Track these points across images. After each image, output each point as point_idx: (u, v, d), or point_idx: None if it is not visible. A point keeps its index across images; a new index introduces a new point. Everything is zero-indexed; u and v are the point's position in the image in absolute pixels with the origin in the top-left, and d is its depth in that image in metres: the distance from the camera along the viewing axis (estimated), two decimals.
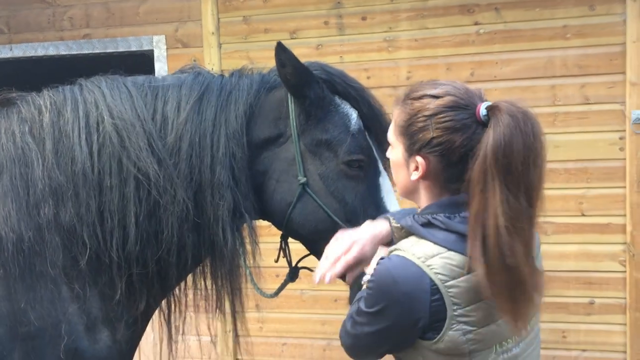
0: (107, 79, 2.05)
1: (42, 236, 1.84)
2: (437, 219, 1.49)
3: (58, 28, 4.58)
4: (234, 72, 2.17)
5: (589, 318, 3.86)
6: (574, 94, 3.78)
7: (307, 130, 2.06)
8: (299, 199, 2.05)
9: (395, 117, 1.59)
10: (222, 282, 2.13)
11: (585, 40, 3.76)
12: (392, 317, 1.47)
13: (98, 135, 1.92)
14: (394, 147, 1.61)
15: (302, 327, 4.35)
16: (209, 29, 4.28)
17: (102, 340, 1.93)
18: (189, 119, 1.97)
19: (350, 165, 2.05)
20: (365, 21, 4.07)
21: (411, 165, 1.55)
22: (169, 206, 1.92)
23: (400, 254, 1.48)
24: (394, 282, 1.45)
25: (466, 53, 3.93)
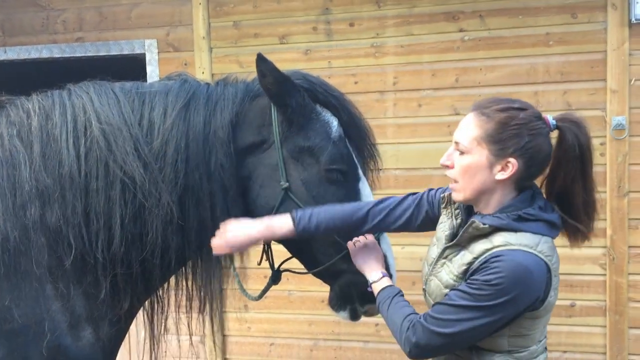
0: (95, 85, 2.10)
1: (27, 236, 1.89)
2: (528, 213, 1.80)
3: (51, 31, 4.64)
4: (219, 81, 2.24)
5: (570, 320, 3.93)
6: (556, 100, 3.85)
7: (290, 137, 2.13)
8: (282, 203, 2.12)
9: (478, 126, 1.83)
10: (206, 283, 2.19)
11: (567, 47, 3.83)
12: (522, 302, 1.75)
13: (85, 139, 1.96)
14: (472, 152, 1.83)
15: (289, 327, 4.41)
16: (200, 33, 4.34)
17: (85, 338, 1.98)
18: (175, 125, 2.03)
19: (332, 171, 2.13)
20: (352, 27, 4.14)
21: (497, 167, 1.81)
22: (154, 209, 1.97)
23: (515, 248, 1.75)
24: (529, 272, 1.73)
25: (451, 59, 4.00)
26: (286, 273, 2.42)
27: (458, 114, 3.99)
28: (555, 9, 3.83)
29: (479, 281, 1.76)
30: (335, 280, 2.23)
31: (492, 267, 1.75)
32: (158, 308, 2.30)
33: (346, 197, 2.17)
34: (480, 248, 1.83)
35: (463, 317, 1.77)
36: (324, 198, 2.13)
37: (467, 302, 1.76)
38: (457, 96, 4.00)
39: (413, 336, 1.84)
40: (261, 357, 4.49)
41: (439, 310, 1.83)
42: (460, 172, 1.86)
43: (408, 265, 4.08)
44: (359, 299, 2.23)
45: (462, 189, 1.88)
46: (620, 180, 3.77)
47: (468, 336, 1.80)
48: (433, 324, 1.81)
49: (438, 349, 1.85)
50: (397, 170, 4.09)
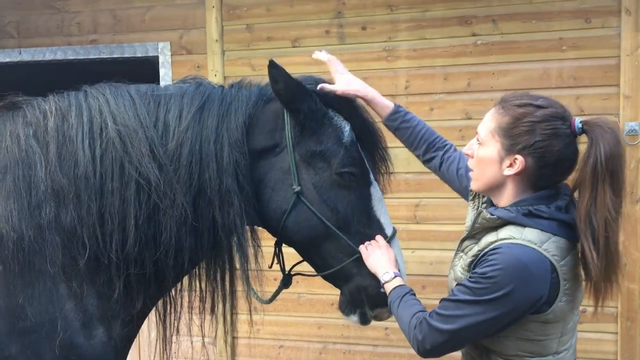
0: (111, 87, 2.13)
1: (42, 236, 1.91)
2: (540, 210, 1.76)
3: (66, 33, 4.69)
4: (234, 84, 2.26)
5: (580, 326, 3.84)
6: (569, 105, 3.74)
7: (302, 142, 2.15)
8: (294, 207, 2.13)
9: (495, 119, 1.83)
10: (219, 284, 2.21)
11: (580, 52, 3.82)
12: (519, 298, 1.70)
13: (101, 141, 1.99)
14: (487, 144, 1.84)
15: (298, 330, 4.42)
16: (212, 36, 4.37)
17: (98, 337, 1.99)
18: (190, 127, 2.05)
19: (343, 175, 2.14)
20: (365, 31, 4.15)
21: (506, 162, 1.80)
22: (168, 210, 1.99)
23: (516, 242, 1.73)
24: (524, 266, 1.69)
25: (463, 63, 4.00)
26: (297, 276, 2.42)
27: (470, 118, 3.99)
28: (568, 13, 3.82)
29: (477, 274, 1.76)
30: (346, 284, 2.24)
31: (489, 260, 1.74)
32: (170, 309, 2.30)
33: (357, 201, 2.19)
34: (486, 240, 1.83)
35: (463, 313, 1.75)
36: (335, 202, 2.15)
37: (467, 296, 1.76)
38: (469, 100, 4.00)
39: (420, 334, 1.84)
40: (270, 359, 4.50)
41: (443, 307, 1.83)
42: (476, 162, 1.89)
43: (418, 269, 4.08)
44: (369, 303, 2.23)
45: (476, 179, 1.91)
46: (632, 186, 3.75)
47: (470, 333, 1.78)
48: (436, 321, 1.81)
49: (442, 347, 1.83)
50: (409, 174, 4.09)
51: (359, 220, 2.18)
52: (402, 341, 4.22)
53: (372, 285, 2.16)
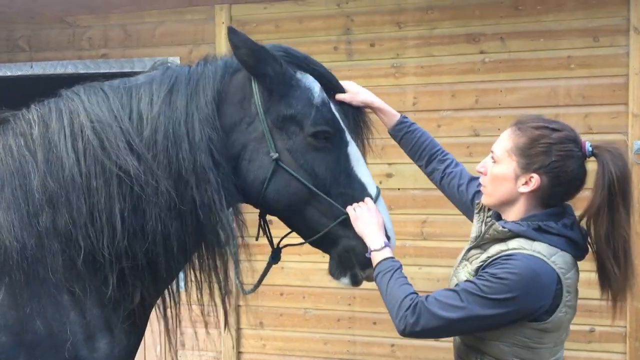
0: (86, 87, 2.14)
1: (42, 244, 1.92)
2: (549, 226, 1.88)
3: (77, 47, 4.74)
4: (199, 62, 2.22)
5: (589, 346, 3.87)
6: (577, 124, 3.83)
7: (272, 107, 2.11)
8: (273, 174, 2.11)
9: (511, 139, 1.94)
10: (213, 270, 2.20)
11: (589, 70, 3.83)
12: (522, 305, 1.80)
13: (82, 141, 2.00)
14: (502, 162, 1.96)
15: (304, 345, 4.39)
16: (222, 51, 4.39)
17: (101, 349, 1.99)
18: (162, 112, 2.03)
19: (317, 137, 2.11)
20: (373, 47, 4.17)
21: (521, 180, 1.91)
22: (152, 198, 1.98)
23: (528, 253, 1.83)
24: (536, 275, 1.80)
25: (471, 81, 4.01)
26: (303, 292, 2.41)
27: (477, 135, 3.99)
28: (577, 32, 3.83)
29: (487, 273, 1.84)
30: (334, 247, 2.21)
31: (502, 264, 1.83)
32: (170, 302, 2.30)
33: (335, 162, 2.15)
34: (495, 249, 1.92)
35: (464, 305, 1.82)
36: (312, 165, 2.11)
37: (471, 290, 1.83)
38: (477, 117, 4.00)
39: (412, 316, 1.87)
40: None
41: (443, 295, 1.89)
42: (490, 179, 1.99)
43: (425, 285, 4.05)
44: (359, 264, 2.20)
45: (489, 195, 2.01)
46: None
47: (464, 325, 1.86)
48: (434, 306, 1.86)
49: (433, 331, 1.89)
50: (416, 190, 4.09)
51: (339, 181, 2.15)
52: (408, 358, 4.19)
53: (360, 245, 2.14)
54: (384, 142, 4.23)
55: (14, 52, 4.87)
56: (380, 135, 4.01)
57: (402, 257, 4.11)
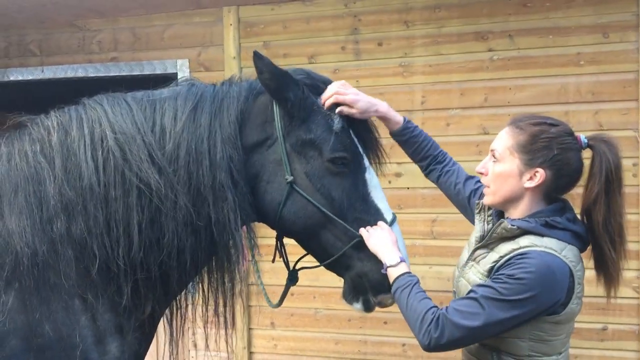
0: (109, 97, 2.16)
1: (55, 250, 1.93)
2: (555, 221, 1.93)
3: (87, 51, 4.78)
4: (225, 82, 2.26)
5: (601, 344, 3.84)
6: (588, 120, 3.81)
7: (292, 131, 2.15)
8: (288, 197, 2.14)
9: (512, 137, 1.99)
10: (220, 284, 2.22)
11: (598, 67, 3.80)
12: (542, 301, 1.84)
13: (102, 151, 2.02)
14: (504, 161, 1.99)
15: (316, 345, 4.40)
16: (230, 53, 4.42)
17: (111, 352, 2.00)
18: (185, 128, 2.06)
19: (335, 162, 2.14)
20: (381, 47, 4.17)
21: (526, 175, 1.96)
22: (170, 212, 2.01)
23: (541, 250, 1.88)
24: (551, 271, 1.84)
25: (480, 79, 3.99)
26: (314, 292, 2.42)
27: (487, 133, 3.97)
28: (586, 28, 3.81)
29: (504, 275, 1.86)
30: (347, 271, 2.23)
31: (518, 263, 1.86)
32: (177, 312, 2.33)
33: (352, 187, 2.18)
34: (506, 248, 1.95)
35: (486, 311, 1.84)
36: (329, 190, 2.14)
37: (490, 295, 1.85)
38: (486, 115, 3.99)
39: (436, 330, 1.89)
40: None
41: (462, 304, 1.90)
42: (493, 178, 2.03)
43: (435, 285, 4.05)
44: (372, 290, 2.21)
45: (493, 193, 2.04)
46: None
47: (488, 330, 1.88)
48: (456, 317, 1.87)
49: (458, 342, 1.91)
50: (425, 189, 4.08)
51: (355, 207, 2.18)
52: (419, 357, 4.18)
53: (373, 270, 2.16)
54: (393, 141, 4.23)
55: (25, 56, 4.92)
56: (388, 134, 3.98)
57: (412, 257, 4.12)
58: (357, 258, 2.18)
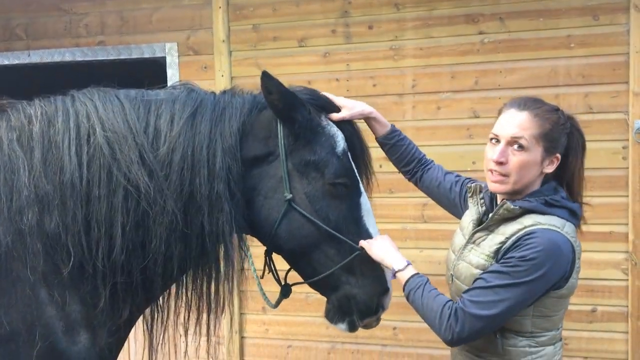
0: (100, 91, 2.08)
1: (23, 242, 1.86)
2: (554, 199, 1.99)
3: (74, 35, 4.71)
4: (226, 91, 2.24)
5: (591, 326, 3.88)
6: (578, 103, 3.81)
7: (296, 151, 2.15)
8: (285, 214, 2.13)
9: (536, 126, 1.98)
10: (206, 294, 2.17)
11: (589, 49, 3.79)
12: (551, 277, 1.89)
13: (89, 147, 1.94)
14: (532, 149, 1.98)
15: (307, 330, 4.42)
16: (219, 36, 4.38)
17: (81, 343, 1.95)
18: (182, 133, 2.01)
19: (336, 186, 2.15)
20: (371, 30, 4.14)
21: (546, 162, 2.01)
22: (158, 217, 1.95)
23: (546, 227, 1.92)
24: (559, 248, 1.90)
25: (471, 62, 3.98)
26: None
27: (477, 116, 3.97)
28: (576, 10, 3.79)
29: (515, 258, 1.89)
30: (334, 292, 2.23)
31: (527, 244, 1.90)
32: (158, 318, 2.26)
33: (348, 211, 2.21)
34: (511, 229, 1.98)
35: (503, 297, 1.88)
36: (326, 212, 2.15)
37: (504, 281, 1.88)
38: (477, 99, 3.98)
39: (456, 324, 1.91)
40: (279, 359, 4.50)
41: (476, 294, 1.92)
42: (518, 167, 1.99)
43: (426, 268, 4.05)
44: (359, 312, 2.22)
45: (514, 182, 2.01)
46: None
47: (507, 315, 1.92)
48: (474, 308, 1.89)
49: (480, 332, 1.93)
50: None
51: (349, 229, 2.19)
52: (410, 341, 4.21)
53: (360, 293, 2.18)
54: None
55: (11, 40, 4.85)
56: None
57: (403, 240, 4.14)
58: (345, 280, 2.19)
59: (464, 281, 2.07)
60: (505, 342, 2.01)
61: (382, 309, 2.26)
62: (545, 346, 2.02)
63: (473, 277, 2.01)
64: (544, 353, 2.02)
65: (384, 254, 2.13)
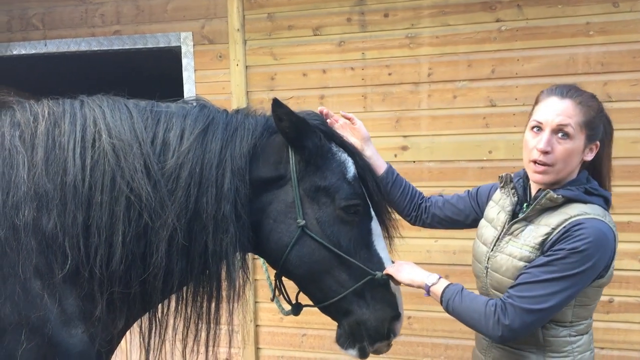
0: (109, 99, 2.09)
1: (17, 238, 1.85)
2: (593, 187, 2.00)
3: (90, 24, 4.73)
4: (240, 110, 2.25)
5: (607, 316, 3.85)
6: (596, 92, 3.62)
7: (306, 177, 2.15)
8: (297, 240, 2.13)
9: (581, 113, 1.97)
10: (205, 312, 2.17)
11: (608, 37, 3.73)
12: (599, 266, 1.90)
13: (93, 152, 1.94)
14: (576, 138, 1.96)
15: (321, 318, 4.36)
16: (234, 25, 4.37)
17: (78, 336, 1.94)
18: (192, 149, 2.01)
19: (347, 210, 2.16)
20: (387, 18, 4.11)
21: (587, 149, 2.00)
22: (160, 230, 1.94)
23: (592, 217, 1.91)
24: (607, 237, 1.89)
25: (487, 50, 3.94)
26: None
27: (494, 105, 3.93)
28: None
29: (565, 250, 1.87)
30: (345, 317, 2.24)
31: (577, 235, 1.88)
32: (155, 331, 2.25)
33: (359, 235, 2.21)
34: (556, 219, 1.96)
35: (553, 290, 1.87)
36: (338, 237, 2.16)
37: (554, 274, 1.87)
38: (494, 87, 3.94)
39: (505, 319, 1.89)
40: (293, 347, 4.52)
41: (525, 289, 1.90)
42: (564, 156, 1.97)
43: (442, 258, 4.06)
44: (369, 338, 2.23)
45: (558, 171, 1.99)
46: None
47: (558, 307, 1.92)
48: (524, 303, 1.88)
49: (531, 326, 1.92)
50: (431, 162, 4.06)
51: (360, 254, 2.19)
52: (425, 330, 4.21)
53: (371, 319, 2.18)
54: (399, 114, 4.20)
55: (27, 30, 4.88)
56: (394, 108, 4.00)
57: (418, 231, 4.11)
58: (357, 305, 2.19)
59: (504, 273, 2.05)
60: (546, 333, 2.00)
61: (393, 335, 2.27)
62: (582, 334, 2.03)
63: (517, 269, 1.99)
64: (582, 342, 2.03)
65: (413, 275, 2.14)
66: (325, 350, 4.45)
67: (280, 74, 4.32)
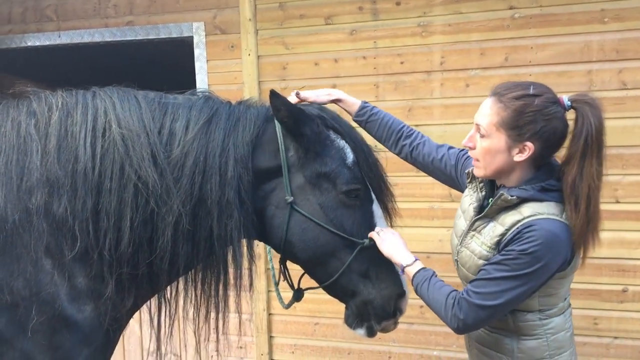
0: (120, 90, 2.18)
1: (29, 220, 1.94)
2: (550, 184, 1.96)
3: (103, 15, 4.75)
4: (242, 102, 2.33)
5: (621, 306, 3.83)
6: (611, 79, 3.72)
7: (307, 164, 2.22)
8: (290, 217, 2.20)
9: (496, 113, 1.96)
10: (214, 294, 2.26)
11: (623, 24, 3.68)
12: (552, 266, 1.90)
13: (104, 141, 2.04)
14: (491, 137, 1.97)
15: (334, 307, 4.40)
16: (246, 15, 4.37)
17: (87, 311, 2.03)
18: (197, 138, 2.10)
19: (348, 194, 2.23)
20: (399, 6, 4.08)
21: (515, 150, 1.96)
22: (166, 216, 2.04)
23: (545, 217, 1.91)
24: (557, 237, 1.89)
25: (501, 38, 3.90)
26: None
27: None
28: None
29: (515, 252, 1.90)
30: (352, 298, 2.31)
31: (526, 237, 1.90)
32: (166, 311, 2.35)
33: (361, 218, 2.27)
34: (510, 220, 1.98)
35: (505, 288, 1.92)
36: (341, 221, 2.22)
37: (506, 273, 1.91)
38: (507, 76, 3.90)
39: (460, 313, 1.98)
40: (306, 336, 4.55)
41: (480, 285, 1.97)
42: (482, 154, 2.02)
43: None
44: (375, 317, 2.30)
45: (483, 168, 2.05)
46: None
47: (510, 304, 1.96)
48: (477, 299, 1.95)
49: (484, 321, 2.00)
50: None
51: (363, 236, 2.26)
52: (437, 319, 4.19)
53: (377, 297, 2.25)
54: (411, 103, 4.18)
55: (41, 22, 4.91)
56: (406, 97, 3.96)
57: (430, 220, 4.13)
58: (362, 285, 2.25)
59: (469, 270, 2.11)
60: (516, 319, 2.07)
61: (399, 313, 2.33)
62: (554, 317, 2.08)
63: (477, 267, 2.05)
64: (555, 324, 2.08)
65: (394, 251, 2.20)
66: (337, 338, 4.47)
67: (292, 63, 4.31)
